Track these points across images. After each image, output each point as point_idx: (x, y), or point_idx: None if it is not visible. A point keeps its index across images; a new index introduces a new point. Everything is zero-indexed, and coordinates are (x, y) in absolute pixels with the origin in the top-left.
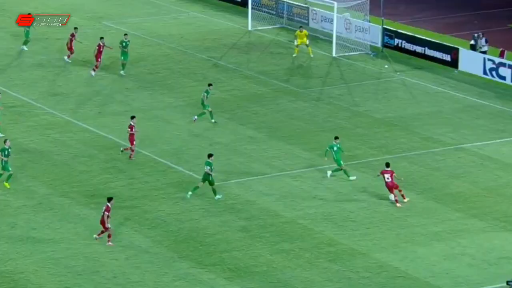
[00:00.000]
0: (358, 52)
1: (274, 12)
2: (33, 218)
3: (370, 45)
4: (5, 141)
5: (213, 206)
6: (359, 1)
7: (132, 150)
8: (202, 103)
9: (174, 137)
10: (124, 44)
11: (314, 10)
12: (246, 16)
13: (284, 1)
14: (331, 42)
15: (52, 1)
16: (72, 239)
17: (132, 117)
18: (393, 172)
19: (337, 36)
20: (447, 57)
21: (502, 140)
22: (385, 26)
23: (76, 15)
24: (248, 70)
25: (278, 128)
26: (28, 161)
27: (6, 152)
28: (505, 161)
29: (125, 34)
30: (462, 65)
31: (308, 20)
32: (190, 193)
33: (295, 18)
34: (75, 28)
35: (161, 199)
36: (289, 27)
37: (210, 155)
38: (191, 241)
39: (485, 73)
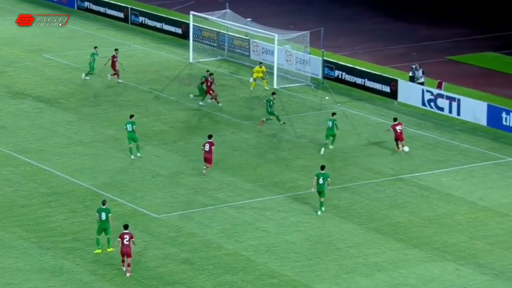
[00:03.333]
0: (299, 84)
1: (215, 44)
2: None
3: (311, 77)
4: (103, 203)
5: (156, 239)
6: (300, 33)
7: None
8: (268, 111)
9: (116, 169)
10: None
11: (255, 42)
12: (187, 48)
13: (225, 33)
14: (272, 74)
15: None
16: (13, 273)
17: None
18: (402, 124)
19: (278, 68)
20: (387, 89)
21: (441, 170)
22: (325, 58)
23: (16, 48)
24: (190, 102)
25: (220, 160)
26: None
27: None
28: (444, 191)
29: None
30: (401, 97)
31: (249, 52)
32: (319, 212)
33: (236, 50)
34: (116, 49)
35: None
36: (230, 59)
37: (323, 167)
38: (134, 274)
39: (423, 104)
